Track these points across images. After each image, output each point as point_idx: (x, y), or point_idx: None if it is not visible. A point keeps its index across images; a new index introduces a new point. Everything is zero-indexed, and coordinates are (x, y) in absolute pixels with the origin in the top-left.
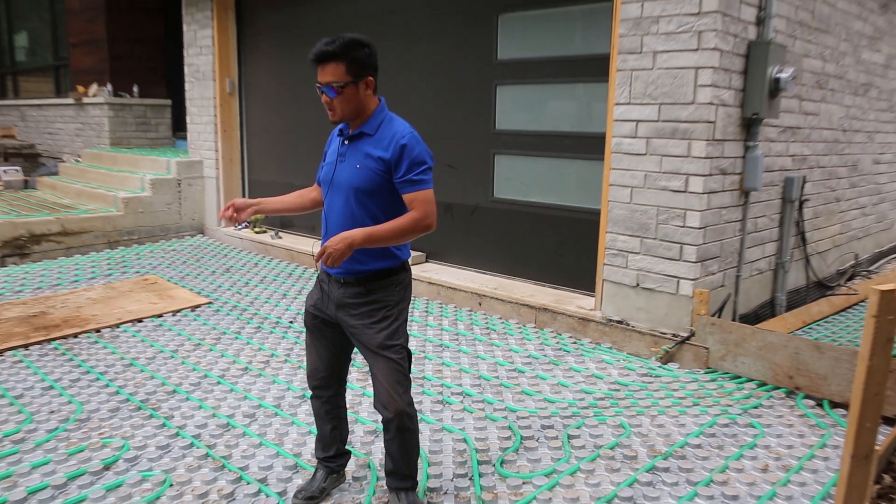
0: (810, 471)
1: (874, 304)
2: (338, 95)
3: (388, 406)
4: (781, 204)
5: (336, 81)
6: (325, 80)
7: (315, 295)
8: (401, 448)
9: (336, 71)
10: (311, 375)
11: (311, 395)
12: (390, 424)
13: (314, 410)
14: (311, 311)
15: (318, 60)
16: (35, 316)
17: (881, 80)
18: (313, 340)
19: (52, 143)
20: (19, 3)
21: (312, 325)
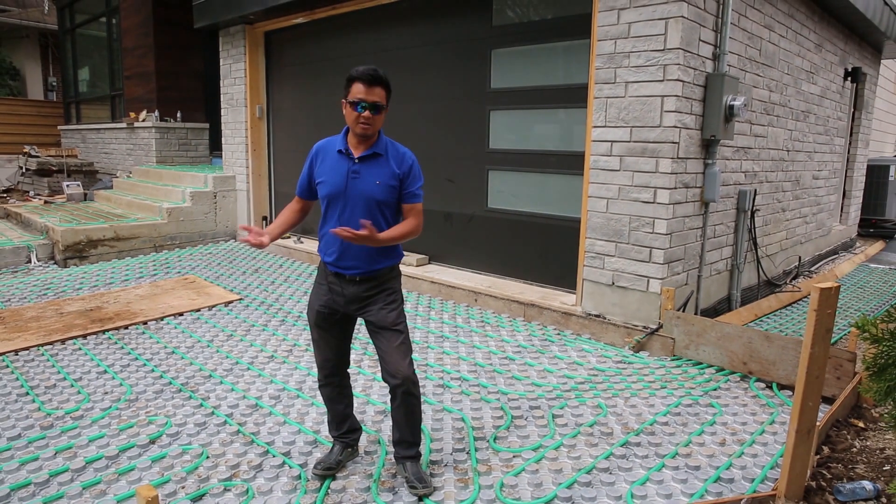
0: (761, 444)
1: (815, 300)
2: (378, 114)
3: (397, 374)
4: (736, 213)
5: (381, 102)
6: (373, 98)
7: (323, 296)
8: (406, 414)
9: (381, 94)
10: (322, 367)
11: (324, 383)
12: (398, 391)
13: (327, 396)
14: (320, 310)
15: (371, 82)
16: (92, 310)
17: (817, 108)
18: (322, 335)
19: (108, 161)
20: (84, 44)
21: (322, 322)
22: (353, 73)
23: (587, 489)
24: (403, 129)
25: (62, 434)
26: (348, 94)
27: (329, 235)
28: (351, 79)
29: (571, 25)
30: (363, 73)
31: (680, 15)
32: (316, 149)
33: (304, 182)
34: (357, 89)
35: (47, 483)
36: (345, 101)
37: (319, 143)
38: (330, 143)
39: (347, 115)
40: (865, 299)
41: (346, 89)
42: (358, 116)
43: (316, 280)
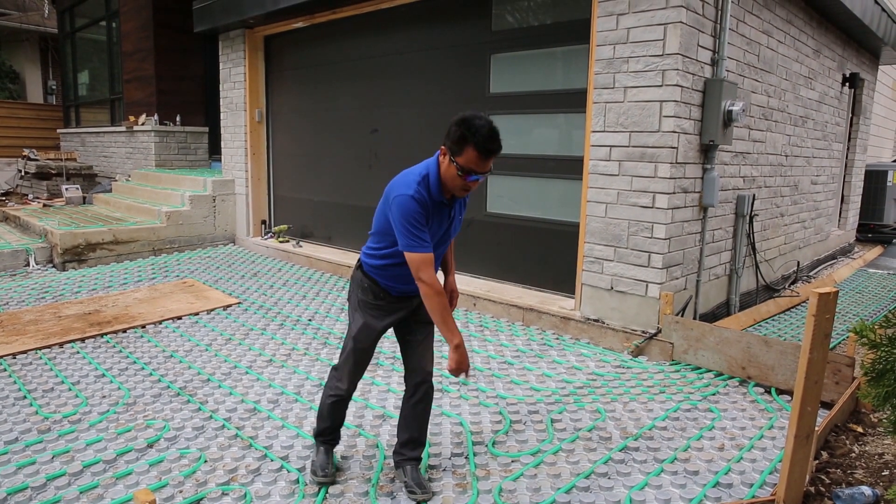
0: (760, 449)
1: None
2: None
3: (427, 368)
4: (734, 218)
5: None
6: (487, 169)
7: (387, 316)
8: (426, 410)
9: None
10: (351, 388)
11: (339, 400)
12: (423, 386)
13: (337, 411)
14: (382, 328)
15: (492, 155)
16: (90, 313)
17: (816, 114)
18: (368, 356)
19: (107, 164)
20: (84, 47)
21: (375, 341)
22: (472, 131)
23: (586, 494)
24: (403, 134)
25: (59, 438)
26: (457, 154)
27: (401, 278)
28: (465, 138)
29: (570, 30)
30: (485, 140)
31: (679, 20)
32: (416, 207)
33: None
34: (473, 157)
35: (44, 487)
36: (451, 159)
37: (418, 197)
38: (422, 192)
39: (449, 174)
40: (864, 304)
41: (456, 146)
42: (467, 185)
43: (368, 304)
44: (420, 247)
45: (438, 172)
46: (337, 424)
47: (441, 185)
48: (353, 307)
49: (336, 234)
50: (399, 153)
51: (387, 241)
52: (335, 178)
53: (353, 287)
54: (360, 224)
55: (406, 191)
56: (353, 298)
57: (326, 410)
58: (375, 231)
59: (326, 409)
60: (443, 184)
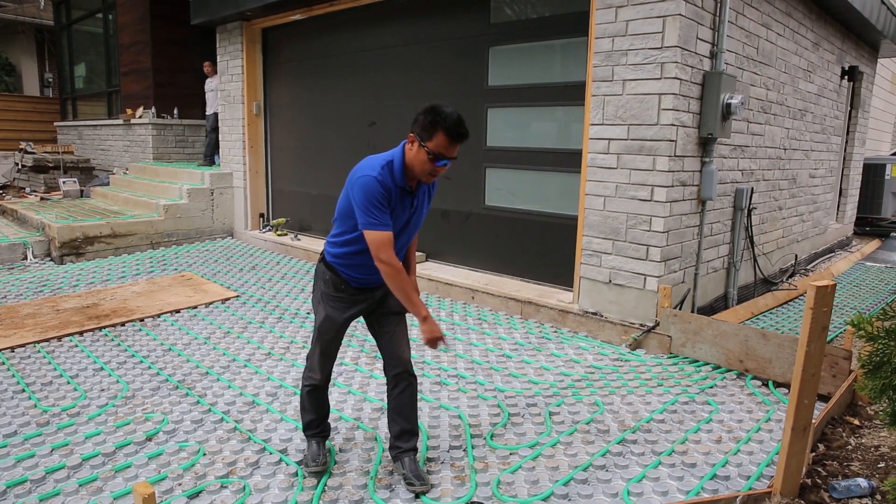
0: (757, 441)
1: (811, 298)
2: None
3: (407, 357)
4: (733, 211)
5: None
6: (454, 154)
7: (349, 308)
8: (412, 398)
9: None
10: (324, 377)
11: (322, 385)
12: (403, 375)
13: (315, 400)
14: (344, 320)
15: (460, 140)
16: (88, 307)
17: (814, 107)
18: (334, 346)
19: (105, 157)
20: (80, 40)
21: (339, 332)
22: (442, 118)
23: (584, 486)
24: (401, 127)
25: (58, 431)
26: (428, 139)
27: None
28: (436, 124)
29: (569, 23)
30: (454, 126)
31: (678, 13)
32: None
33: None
34: (442, 142)
35: (43, 480)
36: (421, 144)
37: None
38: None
39: (418, 159)
40: (861, 297)
41: (426, 132)
42: (435, 169)
43: (330, 296)
44: (380, 225)
45: (403, 160)
46: (321, 415)
47: (406, 172)
48: (317, 299)
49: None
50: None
51: (348, 225)
52: (333, 171)
53: (316, 279)
54: None
55: (370, 172)
56: (316, 291)
57: (306, 401)
58: (337, 216)
59: (305, 399)
60: (409, 170)
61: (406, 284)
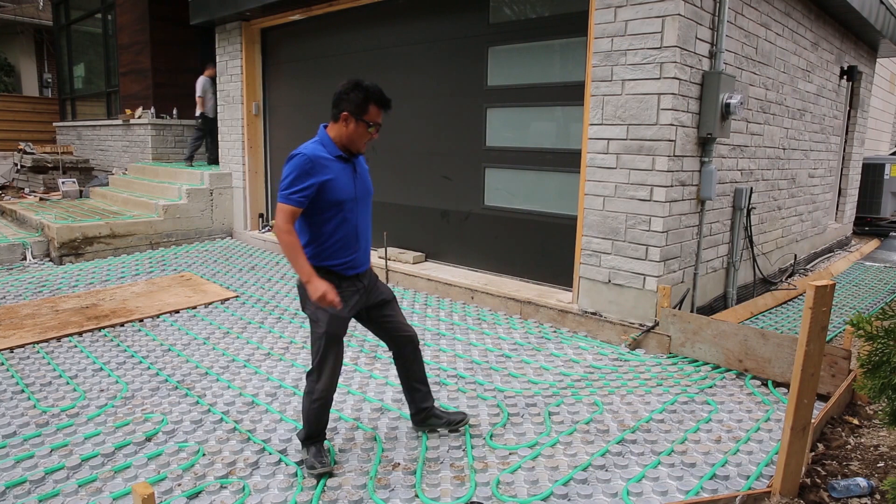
0: (756, 441)
1: (810, 298)
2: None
3: (411, 328)
4: (732, 211)
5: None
6: (381, 120)
7: (353, 300)
8: (422, 361)
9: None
10: (334, 387)
11: (326, 403)
12: (414, 341)
13: (323, 413)
14: (347, 316)
15: (386, 107)
16: (87, 307)
17: (813, 107)
18: (342, 350)
19: (104, 158)
20: (79, 40)
21: (345, 331)
22: (371, 93)
23: (583, 486)
24: (400, 127)
25: (58, 431)
26: (363, 113)
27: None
28: (368, 99)
29: (568, 23)
30: (381, 97)
31: (677, 13)
32: (312, 160)
33: (310, 193)
34: (375, 112)
35: (43, 480)
36: (354, 119)
37: (312, 154)
38: (320, 151)
39: (352, 132)
40: (860, 297)
41: (360, 108)
42: (371, 135)
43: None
44: (289, 199)
45: (330, 138)
46: (323, 426)
47: (339, 145)
48: (314, 306)
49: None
50: (396, 146)
51: (312, 220)
52: None
53: (304, 290)
54: None
55: (302, 150)
56: (308, 302)
57: (314, 416)
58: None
59: (314, 415)
60: (347, 144)
61: (293, 246)
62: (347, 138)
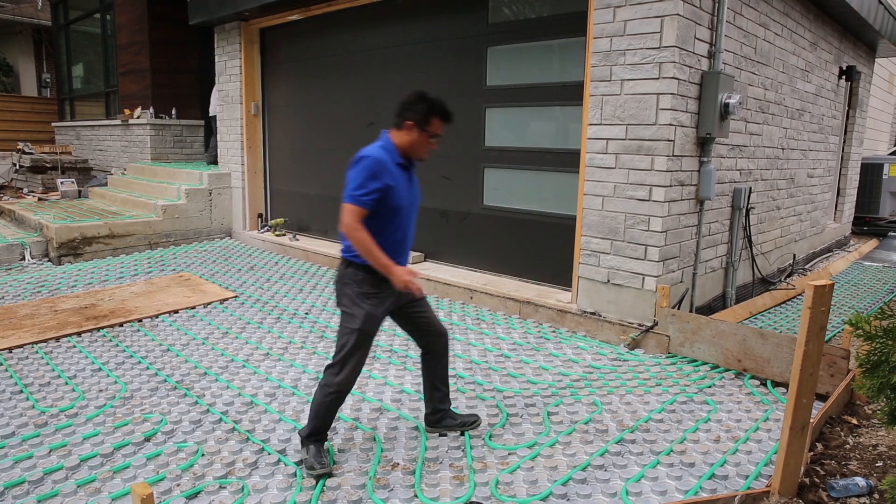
0: (755, 441)
1: (809, 298)
2: None
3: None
4: (731, 211)
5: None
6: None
7: (384, 302)
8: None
9: None
10: (354, 382)
11: (341, 395)
12: (446, 340)
13: (335, 407)
14: (381, 315)
15: (449, 121)
16: (86, 307)
17: (812, 107)
18: (370, 347)
19: (102, 158)
20: (78, 40)
21: (377, 331)
22: (435, 106)
23: (582, 486)
24: None
25: (56, 432)
26: (428, 125)
27: (393, 251)
28: (432, 111)
29: (567, 23)
30: (444, 110)
31: (675, 13)
32: (380, 163)
33: (377, 196)
34: (437, 124)
35: (42, 481)
36: (417, 129)
37: (379, 157)
38: (384, 156)
39: (414, 141)
40: (859, 297)
41: (424, 119)
42: (431, 146)
43: (366, 294)
44: (359, 200)
45: (392, 145)
46: (330, 423)
47: (400, 152)
48: (351, 302)
49: (333, 228)
50: None
51: (369, 223)
52: (332, 171)
53: (343, 286)
54: None
55: (369, 153)
56: (347, 295)
57: (325, 408)
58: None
59: (325, 407)
60: (409, 151)
61: (367, 242)
62: (410, 146)
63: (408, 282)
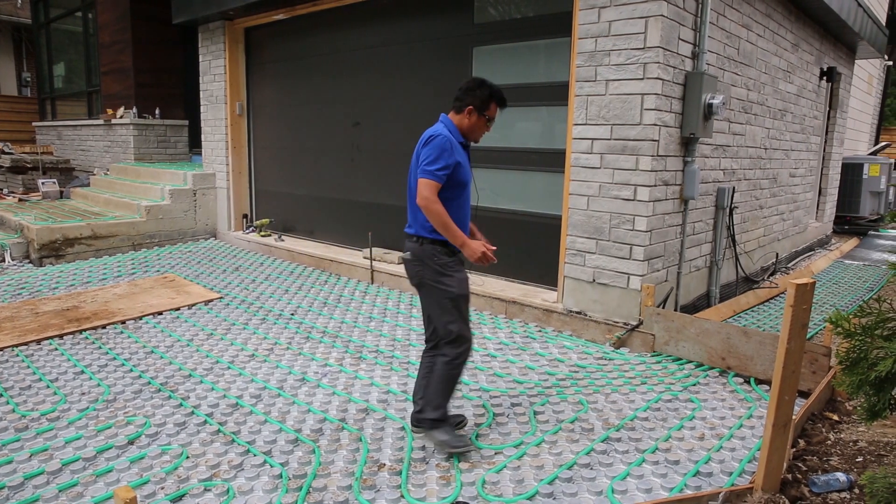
0: (739, 438)
1: (791, 296)
2: None
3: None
4: (715, 210)
5: None
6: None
7: (462, 268)
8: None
9: None
10: (472, 339)
11: (467, 357)
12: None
13: (461, 371)
14: (467, 278)
15: (504, 105)
16: (68, 310)
17: (794, 107)
18: (468, 306)
19: (85, 158)
20: (59, 38)
21: (469, 289)
22: (494, 92)
23: (568, 485)
24: (385, 127)
25: (37, 436)
26: (486, 109)
27: (460, 224)
28: (491, 97)
29: (553, 23)
30: (502, 96)
31: (660, 14)
32: (451, 141)
33: (449, 172)
34: (494, 108)
35: (22, 486)
36: (477, 112)
37: (449, 136)
38: (451, 136)
39: (473, 124)
40: (840, 295)
41: (484, 104)
42: (487, 129)
43: (452, 270)
44: (434, 175)
45: (455, 125)
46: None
47: (461, 133)
48: (438, 274)
49: (318, 228)
50: (381, 146)
51: (441, 196)
52: (317, 171)
53: (423, 265)
54: (342, 217)
55: (440, 131)
56: (431, 269)
57: (453, 381)
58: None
59: (453, 379)
60: (467, 133)
61: (442, 214)
62: (468, 128)
63: (483, 252)
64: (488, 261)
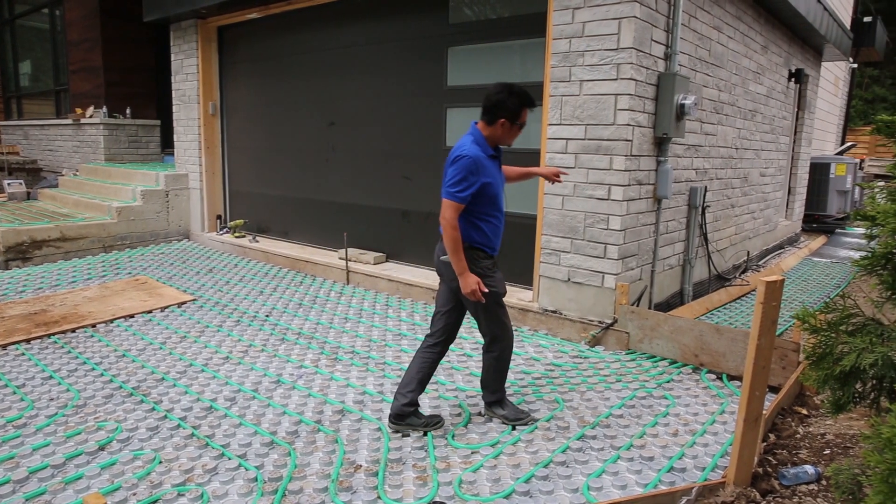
0: (712, 433)
1: (761, 293)
2: None
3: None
4: (687, 210)
5: None
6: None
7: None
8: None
9: None
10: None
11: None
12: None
13: (510, 357)
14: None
15: (533, 108)
16: (36, 313)
17: (764, 108)
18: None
19: (53, 158)
20: (24, 35)
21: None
22: (524, 99)
23: (545, 483)
24: (360, 127)
25: (3, 444)
26: (518, 118)
27: (495, 231)
28: (522, 105)
29: (527, 24)
30: (532, 101)
31: (632, 15)
32: (476, 161)
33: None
34: (525, 114)
35: None
36: (510, 123)
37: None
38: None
39: (505, 131)
40: (809, 291)
41: (515, 113)
42: (518, 134)
43: (492, 272)
44: (456, 197)
45: (483, 138)
46: None
47: (492, 143)
48: (481, 278)
49: (293, 229)
50: (356, 146)
51: (475, 210)
52: (292, 171)
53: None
54: (317, 218)
55: (465, 152)
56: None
57: (506, 365)
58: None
59: (506, 363)
60: (500, 142)
61: (456, 241)
62: (501, 139)
63: (474, 290)
64: (476, 298)
